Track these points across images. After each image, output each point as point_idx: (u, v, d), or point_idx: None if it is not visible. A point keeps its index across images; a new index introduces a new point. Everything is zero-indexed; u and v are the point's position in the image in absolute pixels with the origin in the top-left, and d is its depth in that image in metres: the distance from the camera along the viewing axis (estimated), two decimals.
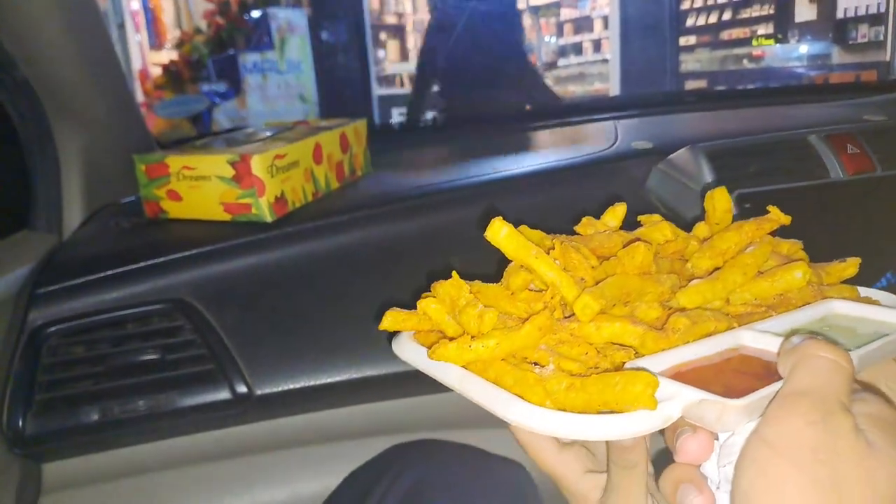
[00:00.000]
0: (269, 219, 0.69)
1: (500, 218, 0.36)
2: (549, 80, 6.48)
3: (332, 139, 0.80)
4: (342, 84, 4.21)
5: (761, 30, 6.63)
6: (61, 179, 0.69)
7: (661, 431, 0.30)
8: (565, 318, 0.35)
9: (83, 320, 0.63)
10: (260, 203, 0.68)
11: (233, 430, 0.66)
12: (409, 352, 0.37)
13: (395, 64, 6.48)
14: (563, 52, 7.94)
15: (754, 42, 6.58)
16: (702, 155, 0.73)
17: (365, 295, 0.69)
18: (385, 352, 0.65)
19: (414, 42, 7.41)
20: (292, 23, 3.96)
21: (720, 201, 0.40)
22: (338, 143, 0.81)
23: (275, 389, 0.64)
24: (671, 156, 0.78)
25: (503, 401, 0.30)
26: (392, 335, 0.39)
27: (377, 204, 0.76)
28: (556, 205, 0.78)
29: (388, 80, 5.83)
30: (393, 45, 6.99)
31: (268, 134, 0.81)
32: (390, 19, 7.16)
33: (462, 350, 0.33)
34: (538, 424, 0.29)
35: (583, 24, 7.92)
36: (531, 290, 0.37)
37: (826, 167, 0.68)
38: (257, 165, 0.67)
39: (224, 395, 0.63)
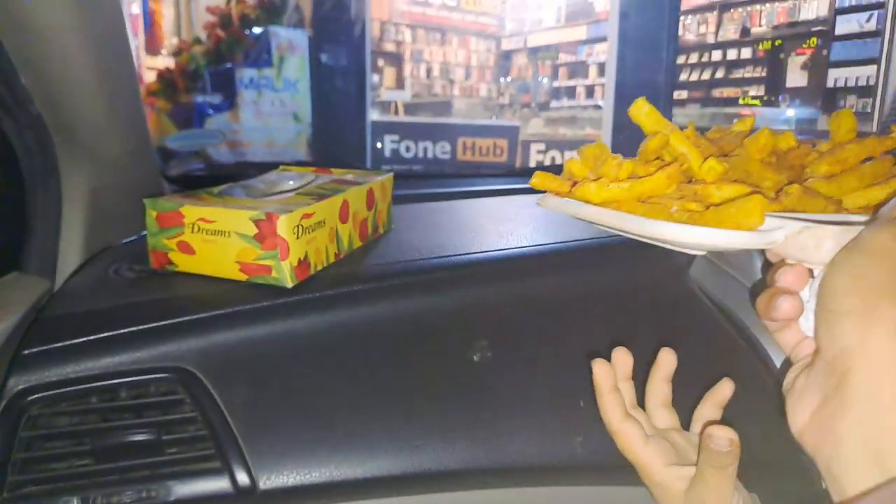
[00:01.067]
0: (289, 284, 0.62)
1: (644, 98, 0.40)
2: (541, 120, 6.55)
3: (360, 195, 0.74)
4: (338, 107, 4.17)
5: (752, 91, 6.82)
6: (62, 220, 0.62)
7: None
8: (689, 182, 0.38)
9: (70, 388, 0.55)
10: (282, 266, 0.62)
11: None
12: (554, 201, 0.41)
13: (391, 91, 6.48)
14: (556, 94, 8.06)
15: (741, 101, 6.76)
16: (754, 249, 0.69)
17: (390, 375, 0.62)
18: (411, 445, 0.59)
19: (411, 70, 7.45)
20: (293, 42, 3.93)
21: (845, 120, 0.41)
22: (364, 199, 0.75)
23: (282, 483, 0.56)
24: None
25: (631, 219, 0.35)
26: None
27: (404, 273, 0.70)
28: (595, 287, 0.73)
29: (382, 107, 5.81)
30: (389, 72, 7.00)
31: (290, 184, 0.75)
32: (389, 46, 7.19)
33: (600, 189, 0.37)
34: (661, 232, 0.33)
35: (577, 69, 8.07)
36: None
37: None
38: (283, 226, 0.60)
39: (223, 485, 0.56)
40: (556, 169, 0.50)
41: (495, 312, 0.69)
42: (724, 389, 0.53)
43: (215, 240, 0.62)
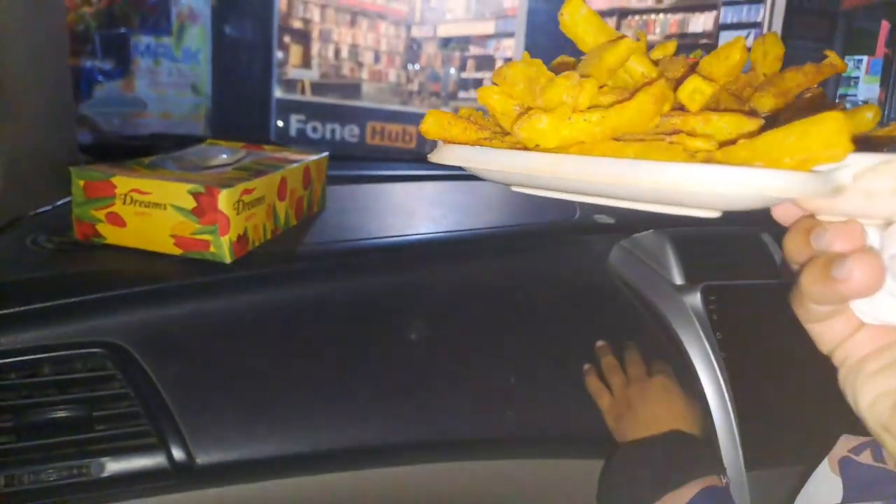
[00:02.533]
0: (228, 259, 0.62)
1: None
2: (449, 109, 6.62)
3: (297, 174, 0.74)
4: (240, 81, 3.99)
5: None
6: None
7: None
8: (664, 115, 0.28)
9: None
10: (221, 242, 0.61)
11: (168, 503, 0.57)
12: (464, 152, 0.29)
13: (298, 69, 6.28)
14: (464, 85, 8.16)
15: None
16: (667, 240, 0.76)
17: (328, 353, 0.63)
18: (349, 420, 0.60)
19: (318, 50, 7.25)
20: (194, 10, 3.71)
21: (772, 46, 0.34)
22: (302, 177, 0.75)
23: (221, 459, 0.56)
24: (636, 235, 0.80)
25: (637, 165, 0.23)
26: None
27: (343, 253, 0.71)
28: (521, 270, 0.78)
29: (288, 85, 5.63)
30: (296, 50, 6.78)
31: (223, 157, 0.73)
32: (297, 24, 6.95)
33: (559, 123, 0.25)
34: (708, 180, 0.22)
35: (485, 63, 8.22)
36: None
37: (779, 268, 0.74)
38: (224, 201, 0.59)
39: (159, 462, 0.54)
40: None
41: (429, 293, 0.72)
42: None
43: (150, 212, 0.60)
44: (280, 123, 4.30)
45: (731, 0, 6.59)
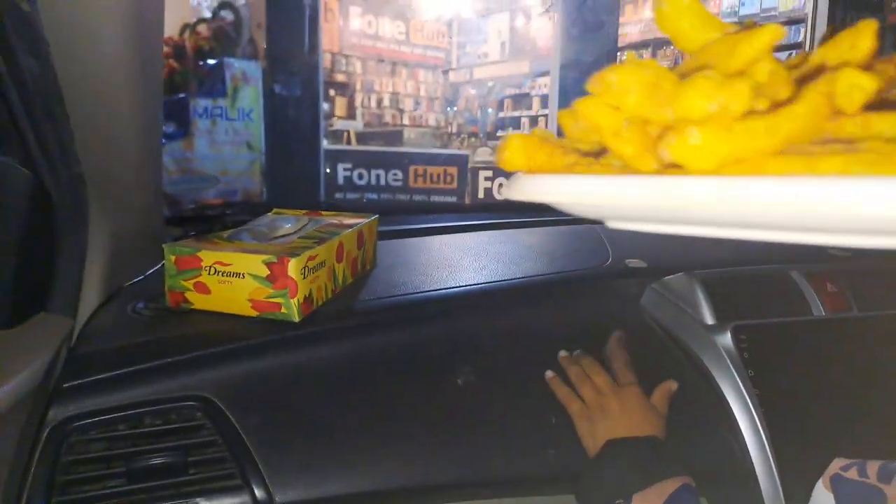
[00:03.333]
0: (297, 319, 0.70)
1: None
2: (488, 149, 6.76)
3: (352, 237, 0.83)
4: (291, 136, 4.21)
5: None
6: (85, 262, 0.68)
7: None
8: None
9: (104, 417, 0.61)
10: (290, 303, 0.69)
11: None
12: (572, 183, 0.24)
13: (343, 120, 6.56)
14: (501, 124, 8.31)
15: None
16: (697, 283, 0.80)
17: (385, 398, 0.71)
18: (405, 461, 0.67)
19: (362, 100, 7.54)
20: (247, 73, 3.97)
21: (863, 37, 0.26)
22: (356, 240, 0.84)
23: (296, 497, 0.64)
24: (666, 279, 0.85)
25: (874, 184, 0.18)
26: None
27: (394, 307, 0.79)
28: (558, 316, 0.84)
29: (335, 135, 5.88)
30: (341, 102, 7.09)
31: (288, 227, 0.83)
32: (340, 77, 7.28)
33: (717, 137, 0.20)
34: None
35: (522, 101, 8.36)
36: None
37: (808, 304, 0.77)
38: (293, 268, 0.68)
39: (244, 500, 0.62)
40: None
41: (474, 341, 0.78)
42: (671, 384, 0.71)
43: (230, 280, 0.70)
44: (330, 172, 4.49)
45: (770, 22, 6.58)
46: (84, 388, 0.61)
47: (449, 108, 8.52)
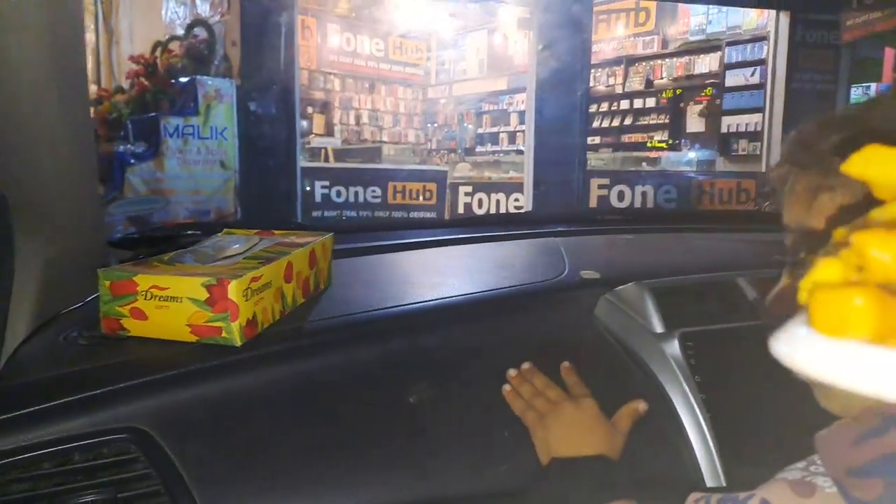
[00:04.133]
0: (238, 343, 0.68)
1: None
2: (467, 164, 6.79)
3: (303, 257, 0.80)
4: (266, 154, 4.19)
5: (657, 136, 7.36)
6: (12, 291, 0.65)
7: None
8: None
9: (27, 455, 0.58)
10: (231, 327, 0.67)
11: None
12: None
13: (321, 138, 6.55)
14: (480, 140, 8.35)
15: (649, 144, 7.28)
16: (647, 292, 0.80)
17: (333, 422, 0.68)
18: (354, 484, 0.65)
19: (340, 117, 7.54)
20: (220, 91, 3.95)
21: None
22: (307, 259, 0.82)
23: None
24: (618, 289, 0.84)
25: None
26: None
27: (343, 326, 0.77)
28: (516, 330, 0.82)
29: (313, 153, 5.86)
30: (319, 120, 7.08)
31: (236, 248, 0.80)
32: (318, 94, 7.28)
33: None
34: None
35: (500, 117, 8.42)
36: None
37: (755, 310, 0.77)
38: (234, 290, 0.66)
39: None
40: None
41: (429, 357, 0.76)
42: (639, 404, 0.68)
43: (168, 305, 0.67)
44: (308, 190, 4.47)
45: (735, 40, 6.72)
46: (5, 423, 0.58)
47: (428, 125, 8.55)
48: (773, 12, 5.28)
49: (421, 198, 4.96)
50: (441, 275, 1.00)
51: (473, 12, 6.62)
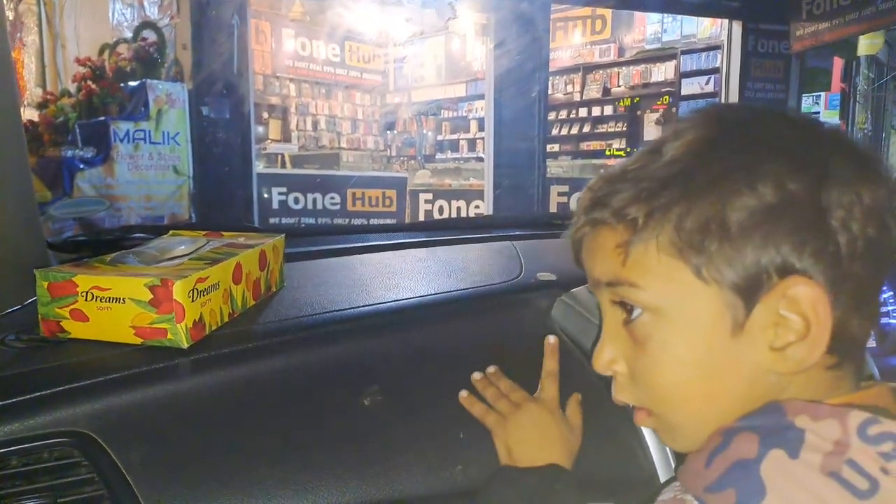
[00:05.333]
0: (185, 345, 0.66)
1: None
2: (427, 171, 6.79)
3: (252, 258, 0.79)
4: (221, 159, 4.11)
5: (615, 143, 7.52)
6: None
7: None
8: None
9: None
10: (177, 329, 0.65)
11: None
12: None
13: (278, 144, 6.46)
14: (440, 147, 8.38)
15: (607, 153, 7.43)
16: None
17: (284, 426, 0.67)
18: (305, 489, 0.64)
19: (297, 123, 7.46)
20: (172, 95, 3.87)
21: None
22: (257, 261, 0.81)
23: None
24: (574, 290, 0.85)
25: None
26: None
27: (293, 329, 0.76)
28: (470, 332, 0.83)
29: (269, 159, 5.78)
30: (275, 125, 6.98)
31: (182, 248, 0.78)
32: (274, 100, 7.18)
33: None
34: None
35: (459, 124, 8.47)
36: None
37: None
38: (179, 291, 0.64)
39: None
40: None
41: (383, 359, 0.76)
42: (577, 394, 0.70)
43: (110, 306, 0.65)
44: (266, 197, 4.41)
45: (690, 49, 6.93)
46: None
47: (387, 131, 8.53)
48: (726, 22, 5.45)
49: (380, 205, 4.95)
50: (397, 277, 1.00)
51: (430, 17, 6.65)
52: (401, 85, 8.87)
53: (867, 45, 4.91)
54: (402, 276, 1.00)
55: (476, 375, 0.71)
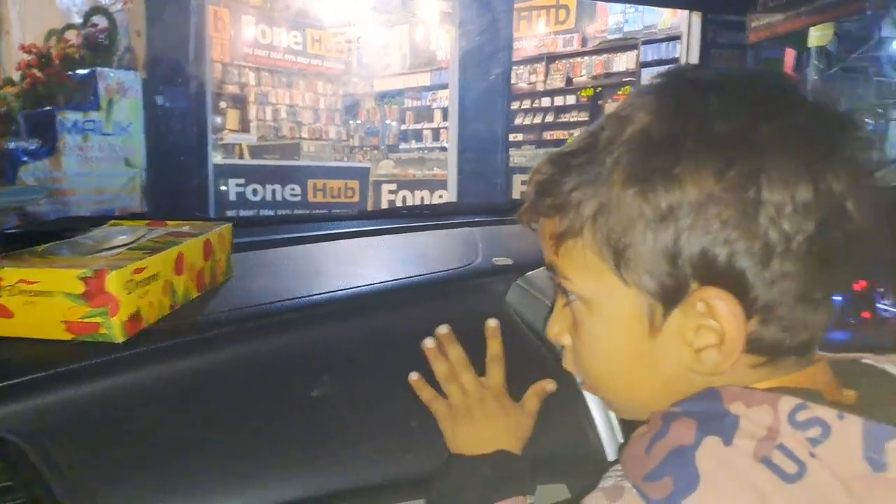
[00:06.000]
0: (120, 339, 0.62)
1: None
2: (391, 161, 6.73)
3: (196, 247, 0.75)
4: (176, 150, 3.99)
5: (578, 133, 7.58)
6: None
7: None
8: None
9: None
10: (111, 322, 0.61)
11: None
12: None
13: (235, 134, 6.31)
14: (404, 136, 8.31)
15: (569, 141, 7.49)
16: None
17: (228, 419, 0.64)
18: (253, 482, 0.61)
19: (256, 112, 7.30)
20: (124, 84, 3.73)
21: None
22: (201, 250, 0.77)
23: None
24: (529, 274, 0.84)
25: None
26: None
27: (237, 319, 0.72)
28: (427, 319, 0.80)
29: (226, 149, 5.64)
30: (233, 115, 6.82)
31: (122, 238, 0.74)
32: (232, 89, 7.01)
33: None
34: None
35: (423, 114, 8.42)
36: None
37: None
38: (113, 282, 0.60)
39: None
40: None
41: (336, 348, 0.73)
42: (546, 384, 0.67)
43: (38, 301, 0.61)
44: (223, 189, 4.30)
45: (650, 39, 7.01)
46: None
47: (350, 121, 8.42)
48: (686, 12, 5.52)
49: (343, 195, 4.89)
50: (353, 265, 0.97)
51: (395, 6, 6.57)
52: (364, 73, 8.77)
53: (818, 36, 5.04)
54: (360, 265, 0.98)
55: (428, 342, 0.68)
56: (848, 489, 0.32)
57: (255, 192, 4.33)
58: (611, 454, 0.68)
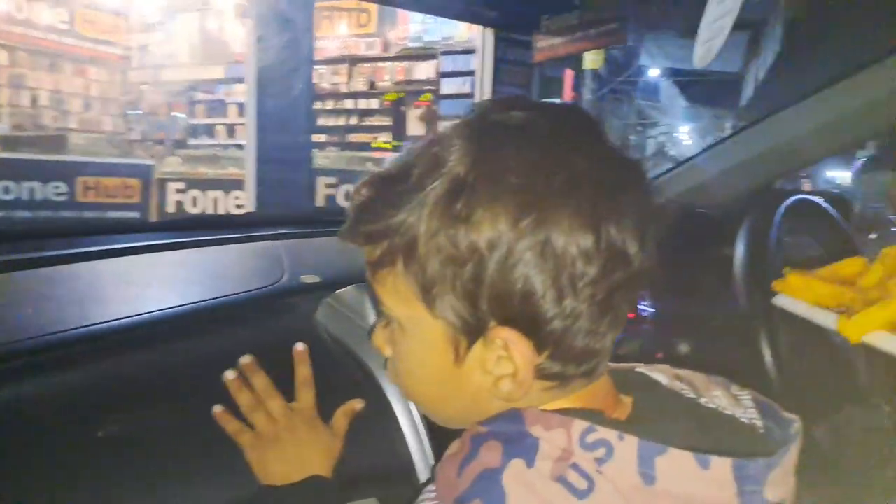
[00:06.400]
0: None
1: None
2: (178, 158, 6.18)
3: None
4: None
5: (382, 137, 7.69)
6: None
7: None
8: None
9: None
10: None
11: None
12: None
13: None
14: (194, 132, 7.70)
15: (373, 145, 7.57)
16: (365, 293, 0.80)
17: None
18: None
19: (9, 98, 6.24)
20: None
21: None
22: None
23: None
24: (338, 292, 0.83)
25: None
26: None
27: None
28: (227, 345, 0.75)
29: None
30: None
31: None
32: None
33: None
34: None
35: (216, 108, 7.89)
36: None
37: None
38: None
39: None
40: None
41: (125, 384, 0.66)
42: (355, 404, 0.68)
43: None
44: None
45: (448, 50, 7.36)
46: None
47: (130, 112, 7.56)
48: (481, 28, 5.88)
49: (121, 195, 4.37)
50: (139, 287, 0.87)
51: None
52: (148, 62, 7.94)
53: (591, 60, 5.77)
54: (147, 286, 0.88)
55: (228, 374, 0.64)
56: (628, 501, 0.37)
57: (6, 190, 3.69)
58: (420, 468, 0.70)
